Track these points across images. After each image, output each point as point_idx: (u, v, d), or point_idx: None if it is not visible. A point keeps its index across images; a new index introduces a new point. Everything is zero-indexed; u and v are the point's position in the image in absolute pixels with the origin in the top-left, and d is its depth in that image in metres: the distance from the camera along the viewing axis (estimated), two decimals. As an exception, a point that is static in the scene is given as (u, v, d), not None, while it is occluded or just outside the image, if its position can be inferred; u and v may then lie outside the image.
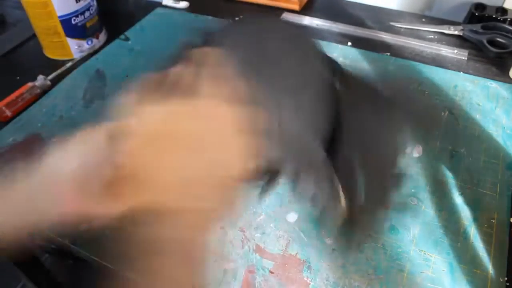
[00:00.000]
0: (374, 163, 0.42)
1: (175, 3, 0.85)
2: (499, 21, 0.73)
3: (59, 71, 0.68)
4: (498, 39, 0.70)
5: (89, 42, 0.73)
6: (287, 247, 0.45)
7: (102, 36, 0.76)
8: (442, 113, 0.59)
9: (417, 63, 0.69)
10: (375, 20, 0.79)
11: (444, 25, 0.76)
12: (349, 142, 0.40)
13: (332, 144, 0.39)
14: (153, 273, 0.27)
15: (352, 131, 0.40)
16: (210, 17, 0.81)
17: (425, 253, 0.44)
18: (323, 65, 0.40)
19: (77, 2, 0.67)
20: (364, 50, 0.71)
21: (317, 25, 0.79)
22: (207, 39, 0.41)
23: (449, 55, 0.71)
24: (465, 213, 0.47)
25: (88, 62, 0.71)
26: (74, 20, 0.68)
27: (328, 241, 0.45)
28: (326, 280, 0.42)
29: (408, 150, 0.54)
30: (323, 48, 0.43)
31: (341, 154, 0.39)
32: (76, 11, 0.68)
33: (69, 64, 0.70)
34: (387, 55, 0.71)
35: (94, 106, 0.62)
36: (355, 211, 0.40)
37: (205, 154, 0.29)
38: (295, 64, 0.39)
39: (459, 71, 0.67)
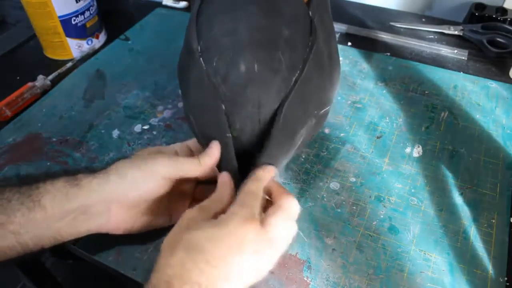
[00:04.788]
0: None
1: (175, 3, 0.85)
2: (499, 21, 0.73)
3: (59, 71, 0.68)
4: (498, 39, 0.70)
5: (89, 42, 0.73)
6: (287, 247, 0.45)
7: (102, 36, 0.76)
8: (442, 113, 0.59)
9: (417, 63, 0.69)
10: (375, 20, 0.79)
11: (444, 25, 0.76)
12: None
13: None
14: None
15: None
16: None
17: (425, 253, 0.44)
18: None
19: (77, 2, 0.67)
20: (364, 50, 0.71)
21: (317, 25, 0.78)
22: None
23: (449, 55, 0.71)
24: (465, 213, 0.47)
25: (88, 62, 0.71)
26: (74, 20, 0.68)
27: (328, 241, 0.45)
28: (326, 280, 0.42)
29: (408, 150, 0.54)
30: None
31: None
32: (76, 11, 0.68)
33: (69, 64, 0.70)
34: (387, 55, 0.71)
35: (94, 106, 0.62)
36: None
37: None
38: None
39: (459, 71, 0.67)
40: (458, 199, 0.49)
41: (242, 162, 0.40)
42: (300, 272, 0.43)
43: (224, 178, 0.38)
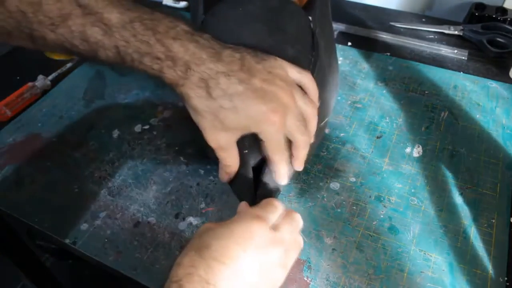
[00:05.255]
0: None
1: (175, 3, 0.85)
2: (499, 21, 0.73)
3: (59, 71, 0.68)
4: (498, 39, 0.70)
5: (89, 42, 0.72)
6: (287, 247, 0.45)
7: (102, 36, 0.76)
8: (442, 113, 0.59)
9: (417, 63, 0.69)
10: (375, 20, 0.79)
11: (444, 25, 0.76)
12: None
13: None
14: None
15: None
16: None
17: (425, 253, 0.44)
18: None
19: (77, 2, 0.67)
20: (364, 50, 0.71)
21: (317, 25, 0.78)
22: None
23: (449, 55, 0.71)
24: (465, 213, 0.47)
25: (88, 62, 0.71)
26: (74, 20, 0.68)
27: (328, 241, 0.45)
28: (326, 280, 0.42)
29: (408, 150, 0.54)
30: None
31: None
32: (76, 11, 0.67)
33: (69, 64, 0.70)
34: (387, 55, 0.71)
35: (94, 106, 0.62)
36: None
37: None
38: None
39: (459, 71, 0.67)
40: (458, 199, 0.49)
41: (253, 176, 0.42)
42: (300, 272, 0.43)
43: (242, 207, 0.40)
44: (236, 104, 0.36)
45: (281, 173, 0.41)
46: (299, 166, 0.42)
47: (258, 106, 0.36)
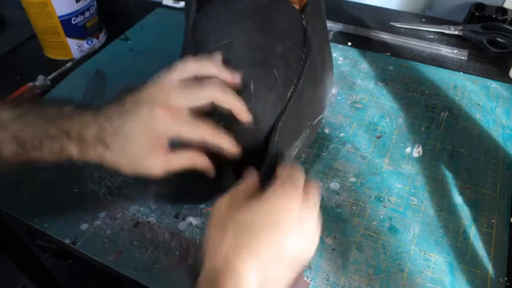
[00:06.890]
0: None
1: (175, 3, 0.85)
2: (499, 21, 0.73)
3: (59, 71, 0.68)
4: (498, 39, 0.70)
5: (89, 42, 0.73)
6: (287, 247, 0.44)
7: (102, 36, 0.76)
8: (442, 113, 0.59)
9: (417, 63, 0.69)
10: (375, 20, 0.79)
11: (444, 25, 0.76)
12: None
13: None
14: None
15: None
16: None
17: (425, 253, 0.44)
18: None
19: (77, 2, 0.67)
20: (364, 50, 0.71)
21: (317, 25, 0.78)
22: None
23: (449, 55, 0.71)
24: (465, 213, 0.47)
25: (88, 62, 0.71)
26: (74, 20, 0.68)
27: (328, 241, 0.45)
28: (326, 280, 0.42)
29: (408, 150, 0.54)
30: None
31: None
32: (76, 11, 0.68)
33: (69, 64, 0.70)
34: (387, 55, 0.71)
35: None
36: None
37: None
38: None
39: (459, 71, 0.67)
40: (458, 199, 0.49)
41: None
42: (300, 272, 0.43)
43: (250, 172, 0.39)
44: (126, 130, 0.37)
45: (230, 145, 0.38)
46: (242, 115, 0.38)
47: (139, 115, 0.36)
